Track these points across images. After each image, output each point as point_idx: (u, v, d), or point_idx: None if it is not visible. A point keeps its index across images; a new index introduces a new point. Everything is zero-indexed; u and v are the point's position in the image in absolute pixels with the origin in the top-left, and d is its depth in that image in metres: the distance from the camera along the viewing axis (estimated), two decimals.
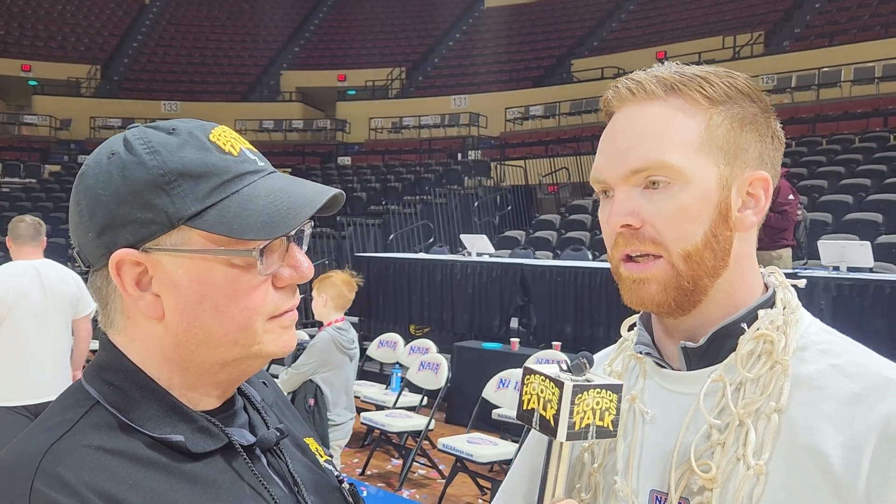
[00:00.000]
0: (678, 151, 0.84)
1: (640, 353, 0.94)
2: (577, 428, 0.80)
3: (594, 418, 0.81)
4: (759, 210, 0.88)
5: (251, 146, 0.83)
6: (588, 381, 0.82)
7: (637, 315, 0.98)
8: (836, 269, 6.54)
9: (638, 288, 0.87)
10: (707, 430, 0.84)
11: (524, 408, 0.85)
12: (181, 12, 28.80)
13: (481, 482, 5.13)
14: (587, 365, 0.83)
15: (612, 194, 0.88)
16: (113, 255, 0.76)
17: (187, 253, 0.76)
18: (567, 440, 0.80)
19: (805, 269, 7.42)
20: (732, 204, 0.86)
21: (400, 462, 5.83)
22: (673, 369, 0.91)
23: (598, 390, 0.81)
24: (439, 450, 5.10)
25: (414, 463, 5.62)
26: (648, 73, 0.89)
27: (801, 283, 0.95)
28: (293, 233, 0.79)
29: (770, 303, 0.89)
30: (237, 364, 0.81)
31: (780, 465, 0.80)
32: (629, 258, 0.87)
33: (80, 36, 26.50)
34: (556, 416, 0.80)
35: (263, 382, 0.97)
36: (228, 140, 0.80)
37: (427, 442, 5.73)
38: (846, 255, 6.65)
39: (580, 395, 0.80)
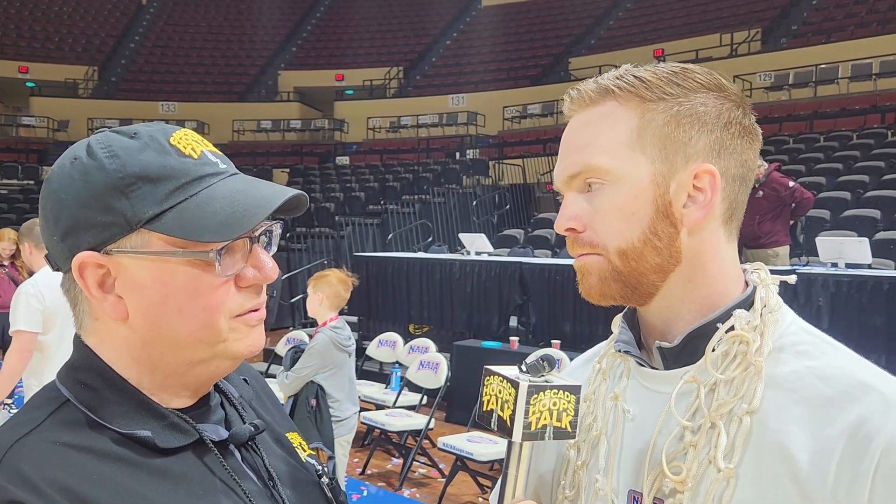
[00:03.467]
0: (605, 153, 0.86)
1: (620, 350, 0.94)
2: (533, 428, 0.80)
3: (551, 419, 0.81)
4: (702, 205, 0.85)
5: (214, 148, 0.84)
6: (546, 381, 0.82)
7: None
8: (835, 265, 6.54)
9: (582, 279, 0.91)
10: (680, 431, 0.84)
11: (483, 409, 0.86)
12: (178, 13, 28.77)
13: (481, 481, 5.13)
14: (546, 366, 0.83)
15: None
16: (75, 257, 0.78)
17: (148, 255, 0.77)
18: (523, 440, 0.81)
19: (803, 266, 7.43)
20: (674, 199, 0.85)
21: (400, 461, 5.83)
22: (653, 368, 0.91)
23: (556, 391, 0.81)
24: (439, 449, 5.11)
25: (414, 462, 5.62)
26: (592, 79, 0.91)
27: (791, 278, 0.94)
28: (258, 233, 0.81)
29: (749, 302, 0.87)
30: (205, 365, 0.81)
31: (750, 467, 0.80)
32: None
33: (77, 37, 26.47)
34: (513, 417, 0.81)
35: (244, 379, 0.97)
36: (189, 143, 0.81)
37: (427, 441, 5.74)
38: (844, 251, 6.65)
39: (536, 396, 0.80)
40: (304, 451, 0.96)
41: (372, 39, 26.68)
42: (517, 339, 6.89)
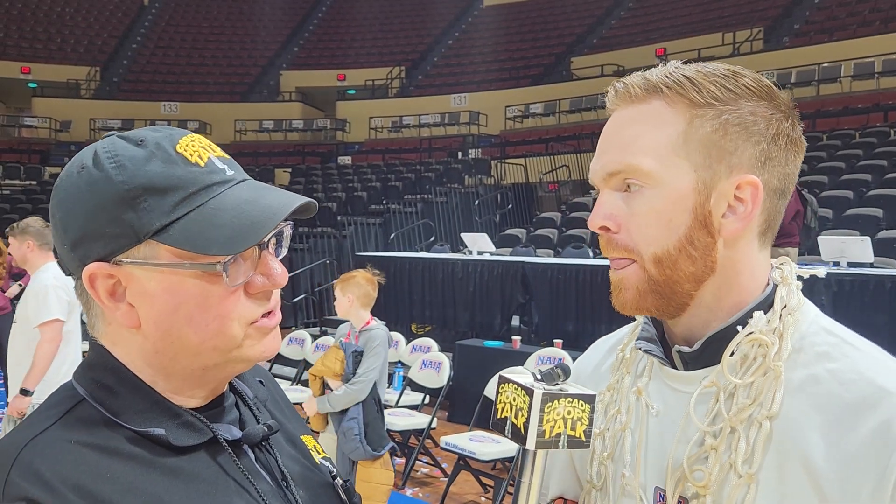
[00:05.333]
0: (649, 155, 0.83)
1: (640, 349, 0.93)
2: (547, 437, 0.80)
3: (565, 427, 0.81)
4: (742, 216, 0.84)
5: (222, 153, 0.83)
6: (561, 390, 0.81)
7: None
8: (837, 264, 6.54)
9: (618, 294, 0.89)
10: (701, 435, 0.84)
11: (498, 416, 0.85)
12: (180, 13, 28.80)
13: (484, 480, 5.14)
14: (561, 374, 0.83)
15: None
16: (85, 268, 0.78)
17: (156, 266, 0.77)
18: (536, 448, 0.80)
19: (805, 265, 7.42)
20: (713, 209, 0.83)
21: (403, 461, 5.83)
22: (674, 365, 0.90)
23: (570, 400, 0.81)
24: (442, 448, 5.11)
25: (417, 461, 5.63)
26: (639, 74, 0.88)
27: (821, 271, 0.93)
28: (267, 239, 0.80)
29: (768, 302, 0.85)
30: (219, 368, 0.82)
31: (771, 473, 0.79)
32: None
33: (79, 38, 26.50)
34: (527, 424, 0.80)
35: (260, 381, 0.98)
36: (196, 150, 0.80)
37: (429, 440, 5.74)
38: (846, 250, 6.65)
39: (550, 404, 0.80)
40: (319, 453, 0.97)
41: (374, 39, 26.69)
42: (519, 338, 6.89)
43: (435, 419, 5.58)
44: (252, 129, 22.93)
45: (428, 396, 6.09)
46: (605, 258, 0.90)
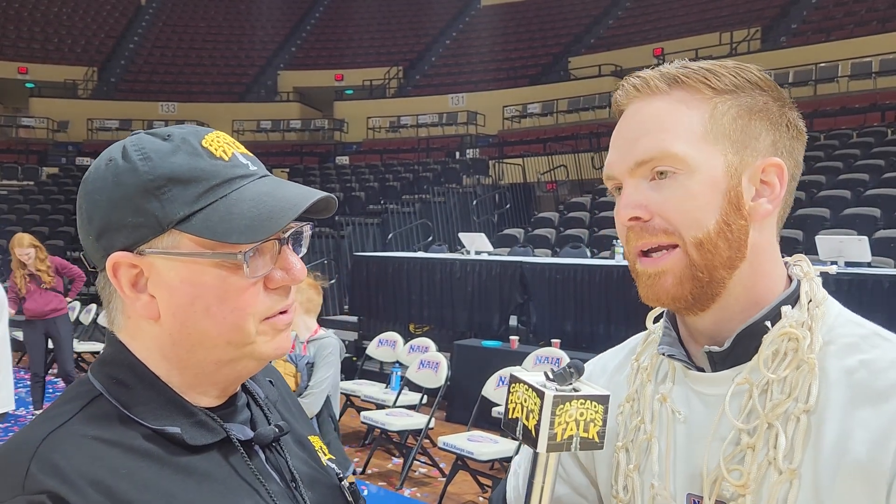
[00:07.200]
0: (682, 141, 0.84)
1: (663, 353, 0.92)
2: (558, 439, 0.77)
3: (578, 429, 0.78)
4: (773, 197, 0.86)
5: (245, 150, 0.85)
6: (574, 390, 0.79)
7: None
8: (835, 263, 6.54)
9: (654, 283, 0.86)
10: (736, 434, 0.83)
11: (509, 416, 0.83)
12: (177, 13, 28.77)
13: (482, 480, 5.14)
14: (573, 374, 0.80)
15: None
16: (109, 257, 0.79)
17: (178, 256, 0.78)
18: (547, 451, 0.78)
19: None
20: (744, 193, 0.85)
21: (400, 461, 5.84)
22: (699, 369, 0.89)
23: (583, 401, 0.78)
24: (440, 448, 5.11)
25: (414, 461, 5.63)
26: (654, 69, 0.89)
27: (832, 269, 0.94)
28: (286, 235, 0.82)
29: (794, 297, 0.87)
30: (233, 365, 0.83)
31: (811, 467, 0.79)
32: (643, 254, 0.87)
33: (76, 38, 26.47)
34: (538, 427, 0.78)
35: (270, 381, 0.99)
36: (221, 145, 0.82)
37: (427, 440, 5.74)
38: (844, 250, 6.65)
39: (562, 406, 0.77)
40: (325, 454, 0.97)
41: (371, 39, 26.67)
42: (517, 338, 6.89)
43: (433, 419, 5.58)
44: (250, 130, 22.90)
45: (426, 396, 6.09)
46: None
